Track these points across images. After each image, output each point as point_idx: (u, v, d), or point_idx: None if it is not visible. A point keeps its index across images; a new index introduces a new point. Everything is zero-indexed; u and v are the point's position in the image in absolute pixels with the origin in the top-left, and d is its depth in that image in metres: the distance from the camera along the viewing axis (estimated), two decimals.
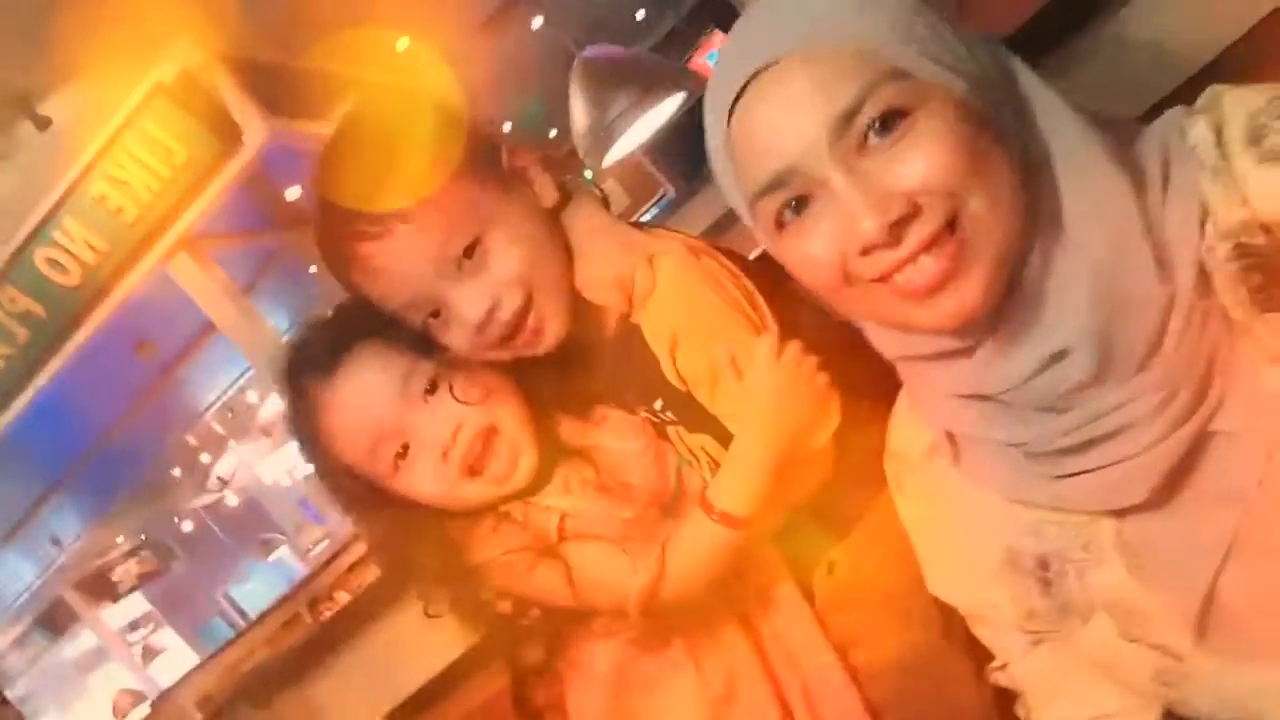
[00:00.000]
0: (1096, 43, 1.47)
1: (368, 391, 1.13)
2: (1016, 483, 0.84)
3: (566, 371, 1.18)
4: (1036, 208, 0.75)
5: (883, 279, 0.74)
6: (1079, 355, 0.74)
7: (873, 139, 0.72)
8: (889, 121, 0.72)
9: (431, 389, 1.13)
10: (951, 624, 1.01)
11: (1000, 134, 0.74)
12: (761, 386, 1.05)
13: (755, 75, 0.75)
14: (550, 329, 1.12)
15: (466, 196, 1.08)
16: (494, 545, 1.15)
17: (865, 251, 0.73)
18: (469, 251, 1.07)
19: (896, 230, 0.71)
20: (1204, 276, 0.73)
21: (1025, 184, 0.75)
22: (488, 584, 1.16)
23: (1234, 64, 1.32)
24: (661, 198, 7.23)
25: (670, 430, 1.17)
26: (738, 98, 0.76)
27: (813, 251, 0.76)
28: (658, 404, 1.16)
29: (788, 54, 0.74)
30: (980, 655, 0.99)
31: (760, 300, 1.11)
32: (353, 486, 1.17)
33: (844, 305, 0.80)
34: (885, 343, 0.85)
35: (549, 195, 1.16)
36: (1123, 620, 0.82)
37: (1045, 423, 0.78)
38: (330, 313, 1.21)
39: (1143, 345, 0.73)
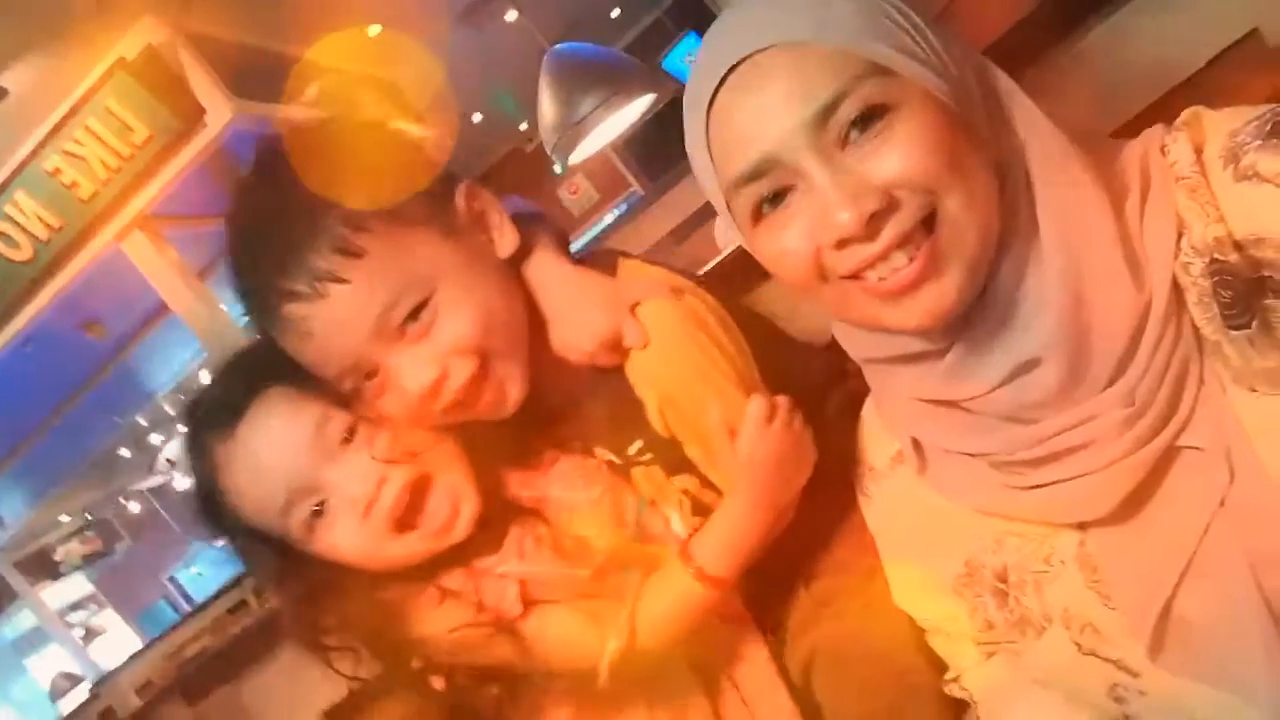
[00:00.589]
0: (1073, 56, 1.48)
1: (275, 445, 1.00)
2: (981, 493, 0.84)
3: (515, 419, 1.07)
4: (1012, 215, 0.75)
5: (855, 275, 0.74)
6: (1048, 366, 0.75)
7: (853, 134, 0.73)
8: (869, 117, 0.72)
9: (349, 437, 1.01)
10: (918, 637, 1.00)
11: (977, 137, 0.75)
12: (755, 453, 0.99)
13: (737, 65, 0.75)
14: (510, 395, 1.02)
15: (417, 248, 0.96)
16: (441, 620, 1.04)
17: (841, 245, 0.73)
18: (415, 312, 0.95)
19: (873, 224, 0.71)
20: (1177, 292, 0.74)
21: (1001, 190, 0.75)
22: (430, 657, 1.06)
23: (1208, 84, 1.34)
24: (630, 195, 7.22)
25: (638, 471, 1.10)
26: (719, 87, 0.76)
27: (788, 244, 0.76)
28: (635, 446, 1.08)
29: (770, 45, 0.74)
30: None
31: (738, 335, 1.06)
32: (265, 551, 1.05)
33: (815, 299, 0.80)
34: (854, 343, 0.86)
35: (508, 244, 1.05)
36: (1079, 634, 0.82)
37: (1011, 432, 0.78)
38: (232, 356, 1.08)
39: (1113, 359, 0.74)
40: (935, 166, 0.72)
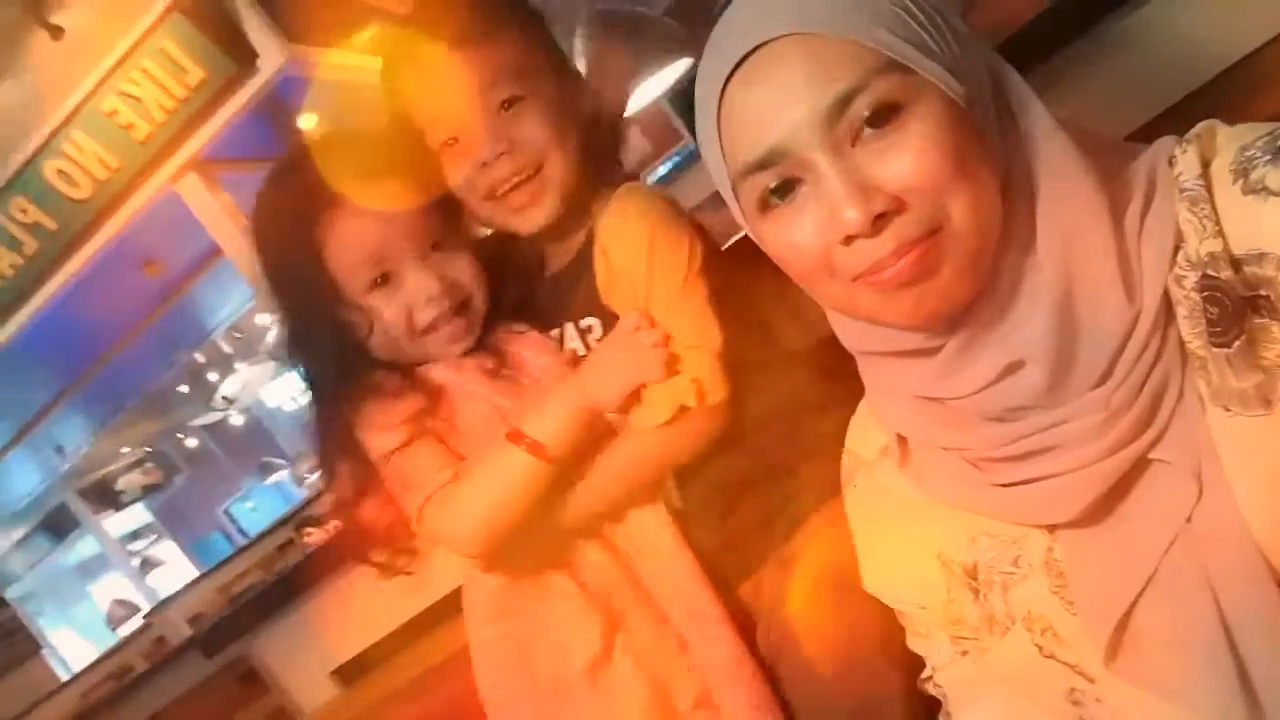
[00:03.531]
0: (1098, 46, 1.44)
1: (383, 217, 1.16)
2: (957, 488, 0.85)
3: (525, 276, 1.27)
4: (1013, 216, 0.75)
5: (863, 278, 0.74)
6: (1032, 369, 0.75)
7: (865, 130, 0.72)
8: (882, 114, 0.71)
9: (438, 245, 1.19)
10: (889, 640, 1.02)
11: (986, 139, 0.74)
12: (606, 352, 1.18)
13: (753, 51, 0.74)
14: (544, 204, 1.18)
15: (524, 56, 1.17)
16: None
17: (848, 241, 0.72)
18: (508, 104, 1.15)
19: (879, 223, 0.71)
20: (1167, 305, 0.74)
21: (1005, 192, 0.74)
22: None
23: (1238, 82, 1.30)
24: (683, 147, 7.14)
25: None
26: (731, 75, 0.75)
27: (797, 239, 0.76)
28: (588, 321, 1.23)
29: (785, 34, 0.73)
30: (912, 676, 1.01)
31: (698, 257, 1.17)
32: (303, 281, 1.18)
33: (820, 295, 0.80)
34: (849, 334, 0.85)
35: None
36: (1040, 636, 0.83)
37: (992, 430, 0.79)
38: None
39: (1098, 366, 0.74)
40: (944, 171, 0.71)
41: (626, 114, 3.67)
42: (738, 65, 0.75)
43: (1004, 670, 0.88)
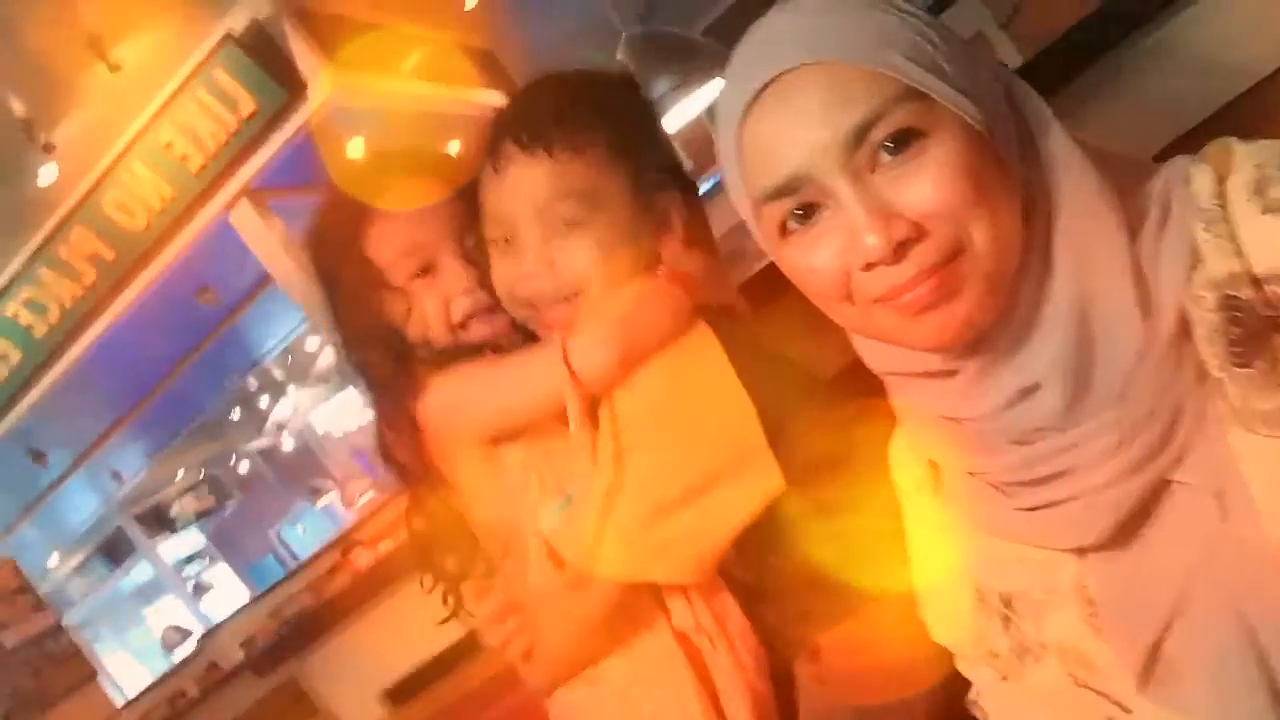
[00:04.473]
0: (1117, 70, 1.43)
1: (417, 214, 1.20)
2: (984, 513, 0.85)
3: None
4: (1032, 238, 0.75)
5: (882, 301, 0.74)
6: (1048, 391, 0.74)
7: (884, 157, 0.72)
8: (902, 141, 0.71)
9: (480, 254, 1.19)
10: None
11: (1007, 164, 0.74)
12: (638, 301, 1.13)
13: (774, 80, 0.74)
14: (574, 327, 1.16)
15: (601, 179, 1.13)
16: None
17: (868, 267, 0.73)
18: (568, 224, 1.12)
19: (900, 250, 0.71)
20: (1184, 325, 0.73)
21: (1025, 215, 0.75)
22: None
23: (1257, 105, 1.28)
24: (718, 175, 7.14)
25: None
26: (754, 99, 0.76)
27: (816, 264, 0.76)
28: None
29: (807, 62, 0.73)
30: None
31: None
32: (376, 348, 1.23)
33: (839, 318, 0.81)
34: (872, 356, 0.85)
35: None
36: (1073, 665, 0.82)
37: (1013, 454, 0.78)
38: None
39: (1114, 388, 0.73)
40: (964, 198, 0.71)
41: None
42: (757, 94, 0.75)
43: (1040, 699, 0.87)
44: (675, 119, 3.49)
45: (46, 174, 4.17)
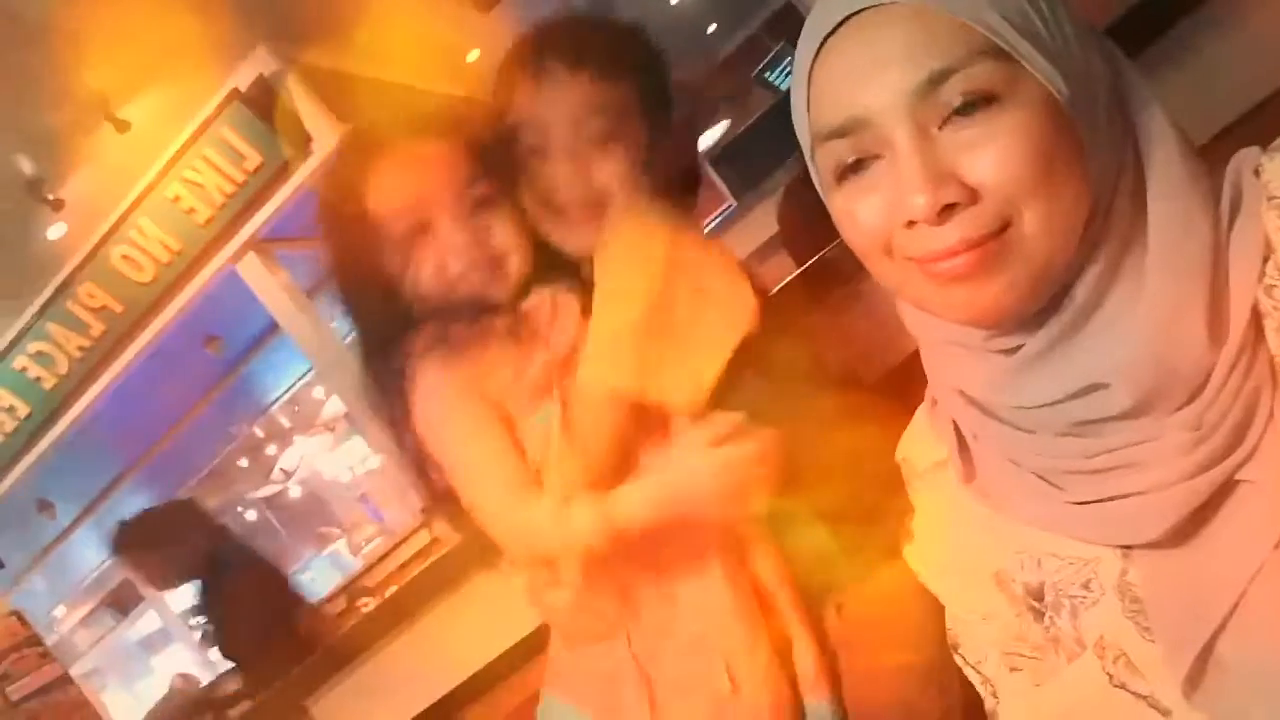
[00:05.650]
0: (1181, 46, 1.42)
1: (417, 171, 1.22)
2: (1029, 505, 0.81)
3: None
4: (1109, 223, 0.71)
5: (917, 261, 0.72)
6: (1117, 390, 0.71)
7: (955, 116, 0.68)
8: (975, 101, 0.67)
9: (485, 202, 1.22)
10: (954, 684, 0.99)
11: (1083, 145, 0.70)
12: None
13: (859, 12, 0.71)
14: (600, 228, 1.19)
15: (631, 100, 1.21)
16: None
17: (910, 224, 0.70)
18: (599, 138, 1.19)
19: (946, 213, 0.68)
20: (1256, 319, 0.70)
21: (1099, 200, 0.71)
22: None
23: None
24: (726, 208, 7.21)
25: None
26: (831, 33, 0.72)
27: (861, 215, 0.73)
28: None
29: (894, 0, 0.70)
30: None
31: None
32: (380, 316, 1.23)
33: (876, 272, 0.78)
34: (916, 322, 0.82)
35: None
36: (1111, 664, 0.78)
37: (1064, 444, 0.75)
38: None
39: (1184, 386, 0.70)
40: (1027, 176, 0.67)
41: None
42: (840, 24, 0.72)
43: (1069, 699, 0.83)
44: None
45: (55, 230, 4.24)
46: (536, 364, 1.18)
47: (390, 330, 1.23)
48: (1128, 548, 0.76)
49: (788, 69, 6.74)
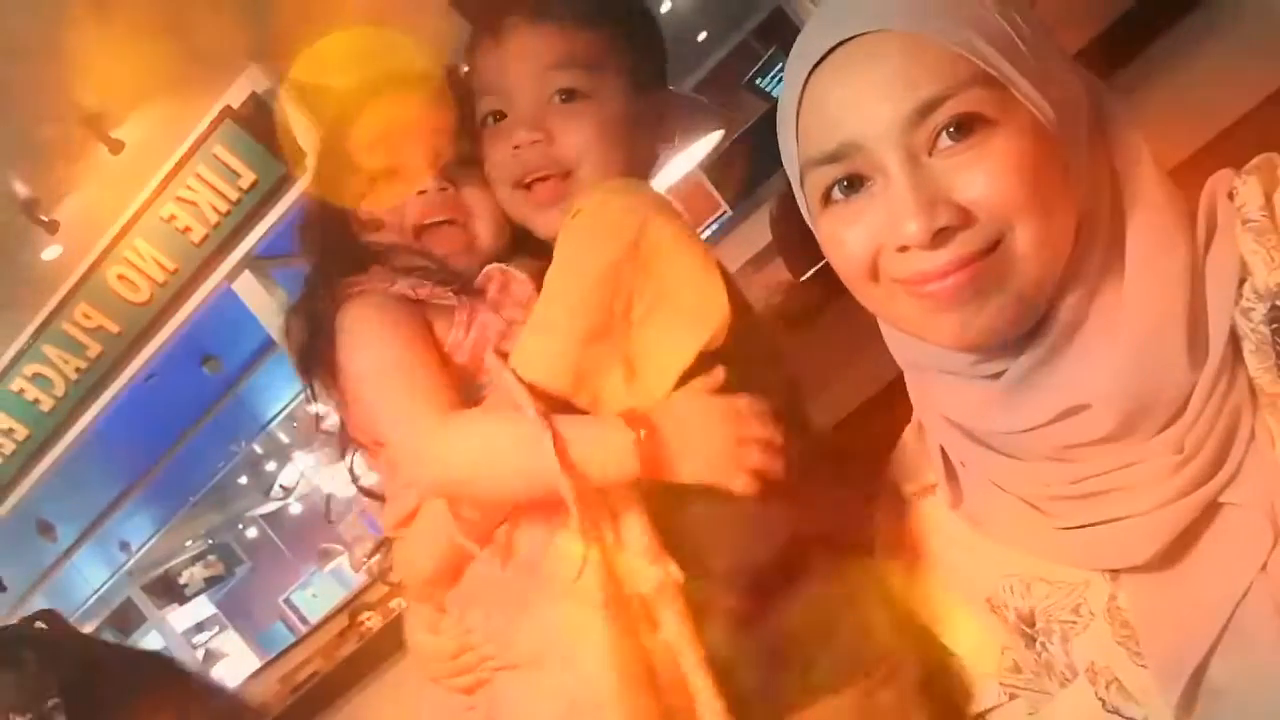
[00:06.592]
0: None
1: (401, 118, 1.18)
2: (1016, 530, 0.82)
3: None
4: (1090, 248, 0.72)
5: (906, 284, 0.72)
6: (1100, 413, 0.72)
7: (944, 140, 0.70)
8: (966, 127, 0.69)
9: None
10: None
11: (1069, 168, 0.71)
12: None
13: (848, 40, 0.72)
14: (567, 207, 1.08)
15: (604, 56, 1.10)
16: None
17: (902, 249, 0.71)
18: (565, 95, 1.08)
19: (940, 237, 0.69)
20: (1234, 341, 0.71)
21: (1084, 222, 0.72)
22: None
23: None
24: (721, 215, 7.19)
25: None
26: (820, 61, 0.73)
27: (849, 239, 0.74)
28: None
29: (886, 28, 0.71)
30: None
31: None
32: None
33: (862, 297, 0.78)
34: (900, 346, 0.83)
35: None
36: (1104, 689, 0.79)
37: (1050, 469, 0.76)
38: None
39: (1166, 407, 0.71)
40: (1020, 197, 0.68)
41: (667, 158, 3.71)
42: (829, 52, 0.72)
43: None
44: (667, 175, 3.53)
45: (50, 251, 4.23)
46: (472, 338, 1.09)
47: (337, 265, 1.15)
48: (1116, 572, 0.77)
49: (779, 75, 6.76)
